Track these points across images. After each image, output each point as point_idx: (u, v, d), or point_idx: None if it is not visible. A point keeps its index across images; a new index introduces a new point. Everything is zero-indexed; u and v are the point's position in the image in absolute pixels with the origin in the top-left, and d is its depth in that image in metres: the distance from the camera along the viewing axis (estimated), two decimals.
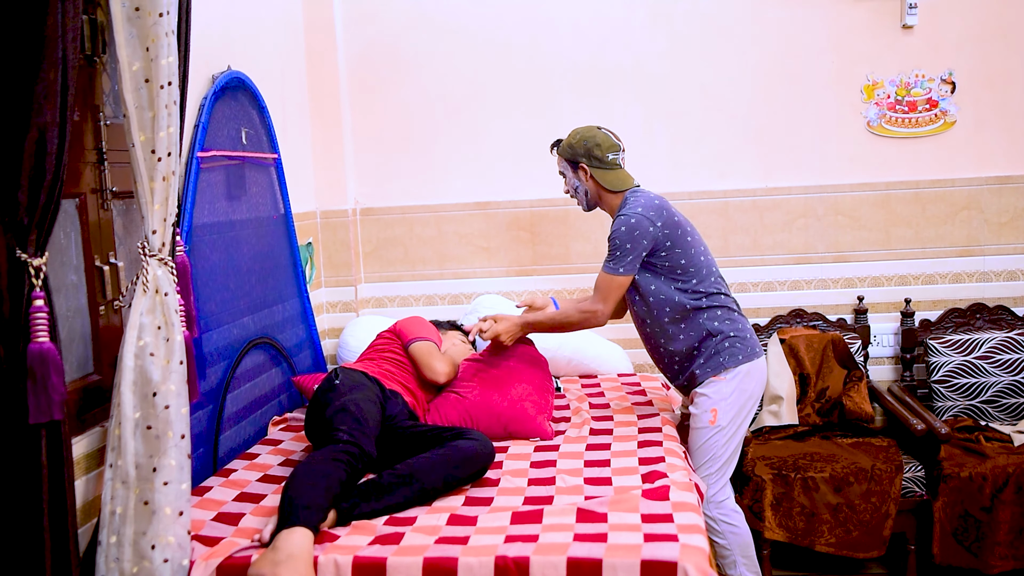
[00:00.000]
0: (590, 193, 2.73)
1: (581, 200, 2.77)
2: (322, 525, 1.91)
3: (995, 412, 3.35)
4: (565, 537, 1.84)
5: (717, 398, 2.57)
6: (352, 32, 3.60)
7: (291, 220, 3.11)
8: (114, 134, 2.08)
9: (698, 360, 2.60)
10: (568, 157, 2.72)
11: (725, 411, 2.58)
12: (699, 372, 2.60)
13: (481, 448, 2.25)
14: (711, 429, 2.58)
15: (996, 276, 3.54)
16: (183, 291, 1.98)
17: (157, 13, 1.81)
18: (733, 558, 2.65)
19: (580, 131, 2.72)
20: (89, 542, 1.89)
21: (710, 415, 2.57)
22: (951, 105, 3.48)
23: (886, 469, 3.01)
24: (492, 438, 2.46)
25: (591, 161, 2.67)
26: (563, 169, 2.77)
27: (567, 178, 2.76)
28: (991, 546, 2.94)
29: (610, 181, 2.68)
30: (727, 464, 2.63)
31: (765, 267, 3.58)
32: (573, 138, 2.72)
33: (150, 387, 1.83)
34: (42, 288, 1.58)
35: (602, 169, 2.68)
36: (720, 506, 2.63)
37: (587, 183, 2.71)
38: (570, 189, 2.77)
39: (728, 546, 2.64)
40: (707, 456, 2.60)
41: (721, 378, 2.58)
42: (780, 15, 3.49)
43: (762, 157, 3.56)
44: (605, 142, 2.68)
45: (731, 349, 2.59)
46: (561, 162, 2.76)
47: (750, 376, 2.61)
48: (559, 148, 2.77)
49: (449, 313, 3.66)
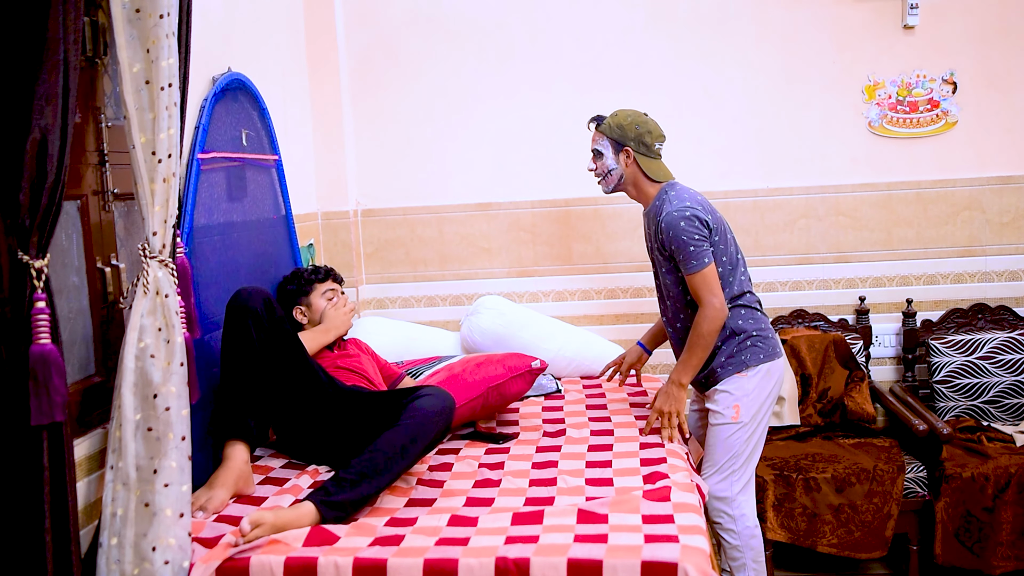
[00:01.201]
0: (625, 177, 2.66)
1: (611, 182, 2.68)
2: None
3: (997, 412, 3.35)
4: (566, 538, 1.83)
5: (740, 394, 2.57)
6: (353, 33, 3.60)
7: (292, 221, 3.11)
8: (115, 136, 2.08)
9: (719, 358, 2.59)
10: (615, 137, 2.63)
11: (747, 407, 2.57)
12: (720, 370, 2.59)
13: (439, 404, 2.19)
14: (734, 425, 2.57)
15: (998, 276, 3.53)
16: (184, 292, 1.98)
17: (158, 15, 1.82)
18: (744, 561, 2.61)
19: (629, 113, 2.65)
20: (90, 544, 1.89)
21: (732, 411, 2.56)
22: (952, 105, 3.48)
23: (888, 469, 3.01)
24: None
25: (639, 147, 2.61)
26: (601, 147, 2.66)
27: (603, 156, 2.66)
28: (993, 546, 2.94)
29: (653, 170, 2.63)
30: (748, 462, 2.61)
31: (766, 267, 3.58)
32: (623, 119, 2.63)
33: (151, 389, 1.83)
34: (44, 290, 1.58)
35: (648, 157, 2.63)
36: (739, 505, 2.60)
37: (627, 167, 2.64)
38: (600, 169, 2.68)
39: (741, 548, 2.60)
40: (729, 453, 2.58)
41: (743, 375, 2.57)
42: (781, 15, 3.49)
43: (763, 157, 3.56)
44: (655, 130, 2.64)
45: (753, 348, 2.59)
46: (601, 139, 2.66)
47: (770, 375, 2.61)
48: (601, 125, 2.66)
49: (450, 314, 3.67)
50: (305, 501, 2.00)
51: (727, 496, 2.58)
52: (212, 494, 2.07)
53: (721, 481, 2.58)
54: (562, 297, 3.66)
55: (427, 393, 2.25)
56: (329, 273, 2.84)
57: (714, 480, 2.59)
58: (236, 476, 2.13)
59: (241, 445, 2.18)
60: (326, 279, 2.81)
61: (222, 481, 2.11)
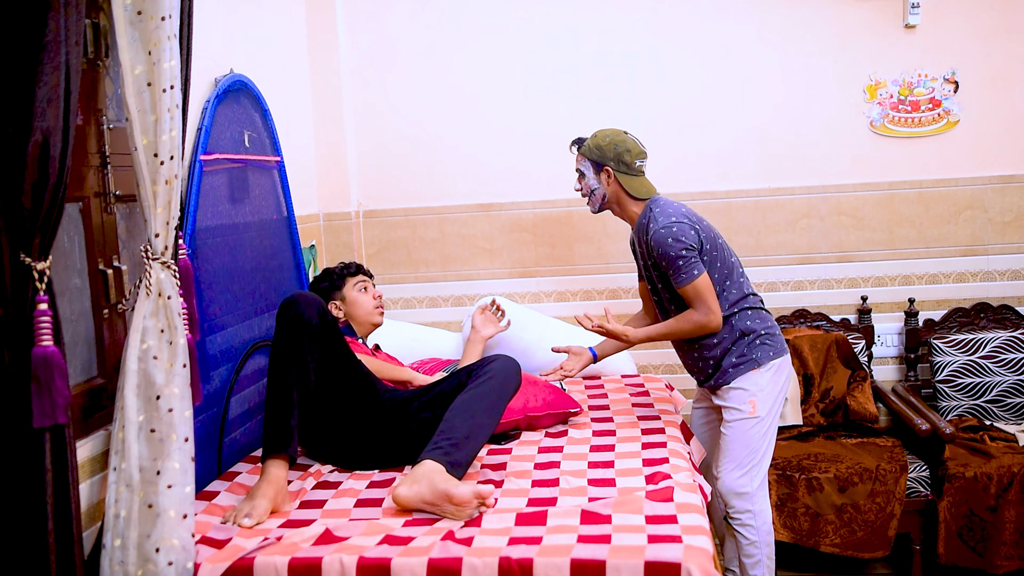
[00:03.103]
0: (608, 196, 2.69)
1: (596, 201, 2.72)
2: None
3: (1000, 412, 3.35)
4: (569, 539, 1.83)
5: (755, 389, 2.58)
6: (354, 34, 3.60)
7: (294, 223, 3.11)
8: (117, 138, 2.09)
9: (730, 359, 2.61)
10: (595, 158, 2.66)
11: (763, 401, 2.58)
12: (732, 370, 2.60)
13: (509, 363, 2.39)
14: (752, 420, 2.58)
15: (1000, 275, 3.53)
16: (186, 294, 1.98)
17: (159, 17, 1.82)
18: (760, 557, 2.61)
19: (607, 133, 2.67)
20: (93, 545, 1.89)
21: (749, 406, 2.58)
22: (954, 105, 3.48)
23: (891, 469, 3.01)
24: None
25: (619, 166, 2.64)
26: (583, 168, 2.70)
27: (585, 178, 2.71)
28: (996, 546, 2.93)
29: (635, 188, 2.65)
30: (764, 457, 2.62)
31: (768, 267, 3.57)
32: (601, 140, 2.66)
33: (153, 390, 1.84)
34: (46, 292, 1.58)
35: (628, 175, 2.65)
36: (757, 501, 2.60)
37: (608, 186, 2.67)
38: (585, 189, 2.72)
39: (759, 544, 2.61)
40: (748, 448, 2.58)
41: (757, 371, 2.59)
42: (782, 15, 3.49)
43: (765, 157, 3.55)
44: (634, 148, 2.65)
45: (763, 346, 2.61)
46: (582, 161, 2.70)
47: (781, 371, 2.64)
48: (582, 147, 2.70)
49: (452, 315, 3.67)
50: (430, 460, 2.06)
51: (747, 492, 2.59)
52: (255, 504, 2.04)
53: (741, 476, 2.59)
54: (564, 298, 3.66)
55: (493, 359, 2.41)
56: (360, 268, 2.96)
57: (735, 476, 2.59)
58: (276, 491, 2.10)
59: (283, 463, 2.16)
60: (357, 273, 2.93)
61: (263, 493, 2.08)
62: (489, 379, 2.32)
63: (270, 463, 2.14)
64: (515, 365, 2.43)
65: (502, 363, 2.39)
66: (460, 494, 1.95)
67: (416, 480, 2.02)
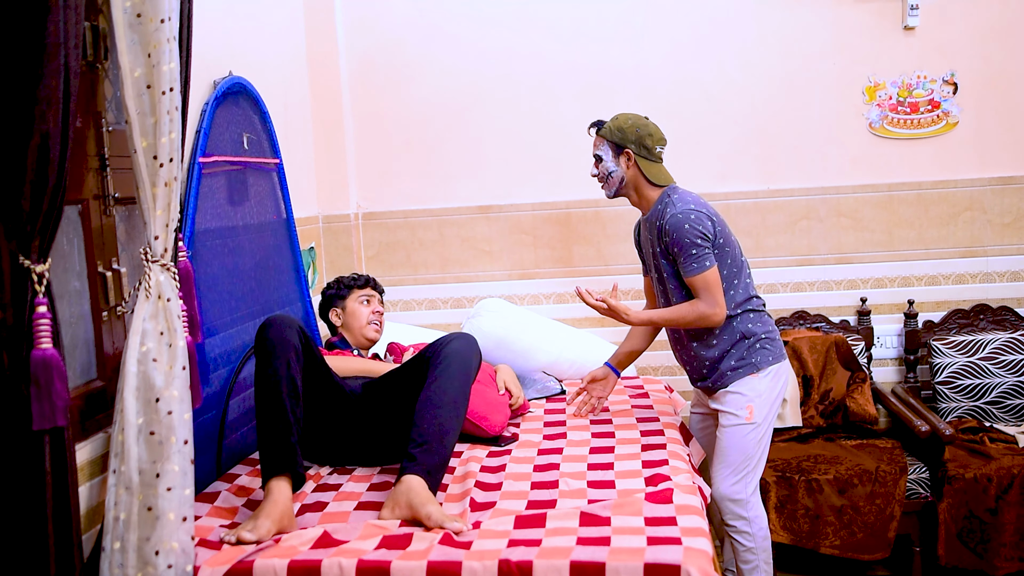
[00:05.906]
0: (626, 181, 2.64)
1: (612, 185, 2.66)
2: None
3: (999, 413, 3.35)
4: (568, 541, 1.83)
5: (752, 395, 2.57)
6: (354, 37, 3.60)
7: (293, 225, 3.11)
8: (116, 140, 2.09)
9: (729, 361, 2.59)
10: (616, 140, 2.61)
11: (760, 407, 2.57)
12: (730, 373, 2.59)
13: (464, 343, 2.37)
14: (748, 426, 2.56)
15: (999, 277, 3.53)
16: (186, 296, 1.98)
17: (159, 19, 1.82)
18: (757, 563, 2.61)
19: (629, 116, 2.63)
20: (93, 548, 1.89)
21: (746, 411, 2.56)
22: (953, 106, 3.48)
23: (890, 471, 3.01)
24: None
25: (640, 149, 2.59)
26: (601, 151, 2.65)
27: (603, 161, 2.65)
28: (996, 548, 2.93)
29: (654, 174, 2.61)
30: (759, 463, 2.61)
31: (767, 269, 3.57)
32: (623, 122, 2.61)
33: (153, 393, 1.83)
34: (45, 294, 1.58)
35: (648, 160, 2.61)
36: (752, 507, 2.60)
37: (627, 170, 2.62)
38: (601, 173, 2.67)
39: (756, 549, 2.60)
40: (744, 454, 2.57)
41: (755, 376, 2.57)
42: (781, 16, 3.49)
43: (764, 159, 3.56)
44: (656, 133, 2.62)
45: (763, 350, 2.59)
46: (601, 144, 2.65)
47: (779, 376, 2.62)
48: (602, 129, 2.65)
49: (451, 317, 3.67)
50: (409, 476, 2.08)
51: (742, 498, 2.58)
52: (258, 524, 1.98)
53: (736, 483, 2.58)
54: (563, 299, 3.66)
55: (450, 339, 2.38)
56: (369, 281, 3.02)
57: (729, 482, 2.58)
58: (281, 512, 2.04)
59: (286, 483, 2.11)
60: (365, 286, 2.99)
61: (267, 513, 2.02)
62: (449, 364, 2.30)
63: (273, 483, 2.09)
64: (472, 342, 2.42)
65: (459, 343, 2.37)
66: (433, 522, 1.98)
67: (397, 503, 2.06)
